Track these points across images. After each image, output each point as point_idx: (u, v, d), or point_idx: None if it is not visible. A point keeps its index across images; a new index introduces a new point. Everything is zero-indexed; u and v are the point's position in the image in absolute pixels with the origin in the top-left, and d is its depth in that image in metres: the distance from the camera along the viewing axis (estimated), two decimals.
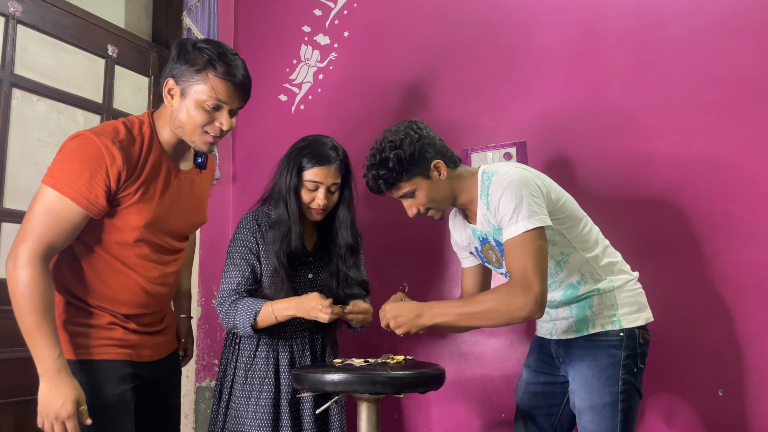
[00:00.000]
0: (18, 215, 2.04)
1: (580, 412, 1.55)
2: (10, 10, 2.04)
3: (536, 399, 1.70)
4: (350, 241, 1.81)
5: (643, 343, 1.56)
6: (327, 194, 1.75)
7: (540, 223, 1.46)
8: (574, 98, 2.13)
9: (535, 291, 1.41)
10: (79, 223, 1.36)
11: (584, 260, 1.58)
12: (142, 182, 1.42)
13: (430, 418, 2.28)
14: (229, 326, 1.72)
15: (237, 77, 1.43)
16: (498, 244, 1.61)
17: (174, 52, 1.44)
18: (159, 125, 1.49)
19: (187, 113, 1.43)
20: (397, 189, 1.63)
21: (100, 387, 1.40)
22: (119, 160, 1.36)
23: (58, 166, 1.36)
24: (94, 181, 1.35)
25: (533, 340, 1.79)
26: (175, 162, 1.53)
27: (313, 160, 1.73)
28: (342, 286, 1.82)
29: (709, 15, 1.96)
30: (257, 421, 1.71)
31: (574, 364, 1.58)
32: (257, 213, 1.82)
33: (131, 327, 1.51)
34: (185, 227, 1.60)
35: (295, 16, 2.74)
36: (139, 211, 1.43)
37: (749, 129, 1.87)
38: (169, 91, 1.44)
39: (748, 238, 1.84)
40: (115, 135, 1.39)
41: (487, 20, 2.31)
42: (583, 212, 1.65)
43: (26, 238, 1.32)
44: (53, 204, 1.33)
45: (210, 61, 1.40)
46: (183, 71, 1.42)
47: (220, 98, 1.42)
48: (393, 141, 1.59)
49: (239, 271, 1.74)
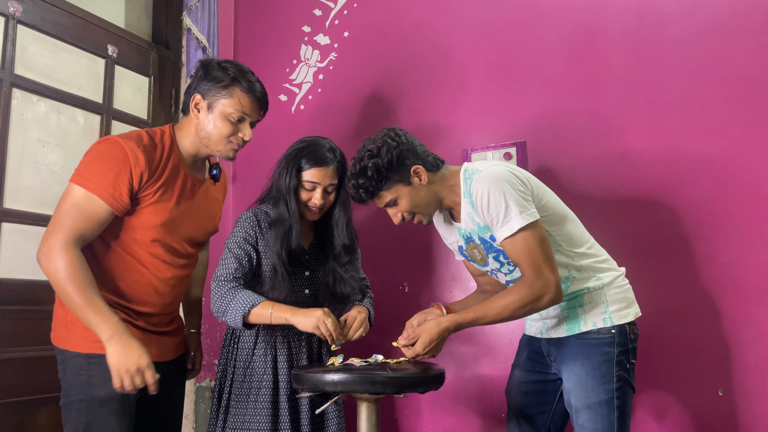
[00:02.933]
0: (18, 215, 2.04)
1: (576, 410, 1.55)
2: (10, 10, 2.04)
3: (529, 398, 1.70)
4: (346, 240, 1.83)
5: (633, 339, 1.57)
6: (324, 194, 1.77)
7: (533, 217, 1.49)
8: (574, 98, 2.13)
9: (552, 281, 1.47)
10: (105, 218, 1.47)
11: (570, 257, 1.58)
12: (162, 184, 1.54)
13: (429, 418, 2.28)
14: (219, 310, 1.69)
15: (259, 92, 1.62)
16: (483, 242, 1.61)
17: (200, 72, 1.61)
18: (179, 136, 1.63)
19: (214, 125, 1.59)
20: (379, 198, 1.63)
21: (104, 381, 1.43)
22: (142, 162, 1.49)
23: (85, 166, 1.47)
24: (119, 180, 1.46)
25: (522, 339, 1.79)
26: (193, 170, 1.66)
27: (312, 161, 1.75)
28: (338, 284, 1.84)
29: (709, 15, 1.96)
30: (256, 419, 1.72)
31: (567, 363, 1.58)
32: (256, 211, 1.84)
33: (140, 325, 1.57)
34: (197, 233, 1.70)
35: (295, 16, 2.74)
36: (157, 211, 1.54)
37: (749, 129, 1.87)
38: (196, 105, 1.60)
39: (748, 238, 1.84)
40: (139, 140, 1.52)
41: (487, 20, 2.31)
42: (567, 209, 1.65)
43: (56, 231, 1.42)
44: (81, 200, 1.44)
45: (235, 77, 1.59)
46: (209, 87, 1.59)
47: (245, 111, 1.60)
48: (371, 150, 1.59)
49: (236, 259, 1.75)
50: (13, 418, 1.96)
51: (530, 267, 1.48)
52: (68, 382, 1.50)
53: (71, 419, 1.48)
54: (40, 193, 2.11)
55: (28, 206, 2.08)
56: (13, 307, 1.98)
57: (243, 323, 1.66)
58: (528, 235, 1.48)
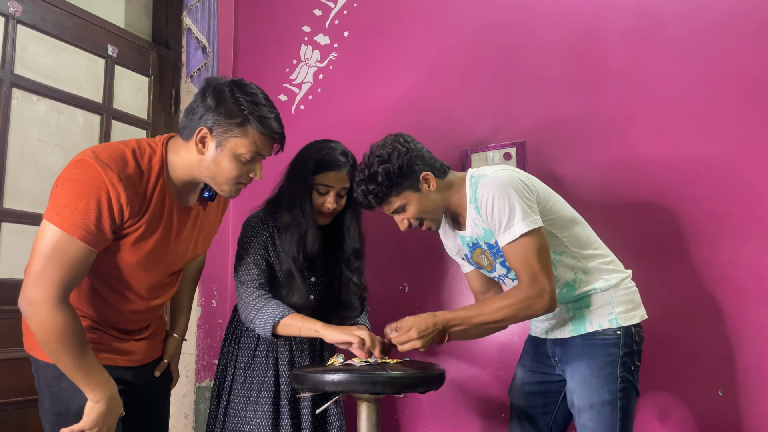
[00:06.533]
0: (18, 215, 2.04)
1: (579, 410, 1.55)
2: (10, 10, 2.04)
3: (532, 398, 1.70)
4: (356, 245, 1.82)
5: (639, 341, 1.57)
6: (336, 198, 1.76)
7: (535, 225, 1.49)
8: (574, 98, 2.13)
9: (547, 290, 1.47)
10: (90, 260, 1.31)
11: (577, 259, 1.59)
12: (144, 221, 1.37)
13: (429, 418, 2.28)
14: (248, 318, 1.67)
15: (278, 131, 1.42)
16: (490, 247, 1.61)
17: (209, 100, 1.38)
18: (172, 160, 1.42)
19: (223, 165, 1.39)
20: (388, 204, 1.62)
21: (77, 392, 1.36)
22: (123, 198, 1.31)
23: (62, 202, 1.28)
24: (101, 218, 1.29)
25: (527, 340, 1.79)
26: (179, 198, 1.46)
27: (325, 164, 1.74)
28: (343, 290, 1.83)
29: (709, 15, 1.96)
30: (257, 421, 1.72)
31: (571, 363, 1.58)
32: (263, 214, 1.81)
33: (112, 333, 1.49)
34: (180, 263, 1.56)
35: (295, 16, 2.74)
36: (134, 249, 1.39)
37: (749, 129, 1.87)
38: (201, 139, 1.38)
39: (748, 238, 1.84)
40: (122, 168, 1.32)
41: (488, 20, 2.31)
42: (574, 212, 1.65)
43: (41, 283, 1.26)
44: (61, 245, 1.27)
45: (251, 113, 1.37)
46: (220, 122, 1.37)
47: (260, 152, 1.41)
48: (381, 155, 1.59)
49: (256, 264, 1.73)
50: (13, 418, 1.96)
51: (527, 273, 1.48)
52: (42, 392, 1.44)
53: (47, 430, 1.43)
54: (40, 193, 2.11)
55: (28, 206, 2.08)
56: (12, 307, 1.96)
57: (272, 333, 1.65)
58: (528, 242, 1.48)
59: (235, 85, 1.40)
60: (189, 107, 1.42)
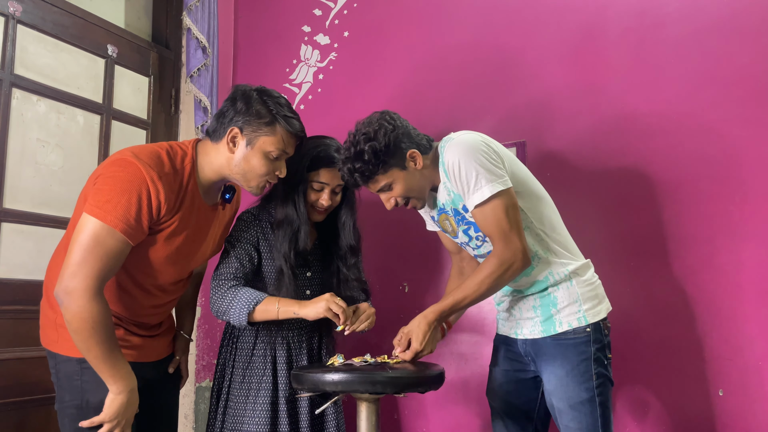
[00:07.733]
0: (18, 215, 2.04)
1: (559, 411, 1.55)
2: (10, 10, 2.04)
3: (512, 397, 1.69)
4: (352, 242, 1.82)
5: (607, 334, 1.57)
6: (331, 195, 1.76)
7: (503, 185, 1.48)
8: (574, 98, 2.13)
9: (519, 247, 1.48)
10: (126, 253, 1.40)
11: (539, 236, 1.58)
12: (177, 217, 1.48)
13: (429, 418, 2.28)
14: (220, 310, 1.67)
15: (301, 130, 1.59)
16: (456, 213, 1.60)
17: (239, 104, 1.52)
18: (201, 161, 1.54)
19: (253, 163, 1.53)
20: (374, 182, 1.60)
21: (98, 385, 1.42)
22: (162, 195, 1.42)
23: (105, 197, 1.37)
24: (141, 213, 1.39)
25: (496, 339, 1.76)
26: (205, 198, 1.58)
27: (320, 161, 1.74)
28: (342, 286, 1.83)
29: (709, 15, 1.96)
30: (255, 420, 1.71)
31: (546, 364, 1.57)
32: (257, 210, 1.82)
33: (132, 329, 1.55)
34: (200, 260, 1.67)
35: (295, 16, 2.74)
36: (166, 244, 1.49)
37: (749, 129, 1.87)
38: (232, 138, 1.52)
39: (748, 238, 1.84)
40: (160, 167, 1.43)
41: (487, 20, 2.31)
42: (544, 192, 1.65)
43: (80, 272, 1.34)
44: (102, 236, 1.35)
45: (278, 113, 1.52)
46: (250, 122, 1.51)
47: (286, 149, 1.56)
48: (367, 133, 1.57)
49: (237, 259, 1.73)
50: (13, 418, 1.96)
51: (498, 236, 1.49)
52: (61, 387, 1.48)
53: (66, 425, 1.47)
54: (39, 193, 2.11)
55: (28, 206, 2.08)
56: (12, 307, 1.98)
57: (247, 321, 1.65)
58: (497, 204, 1.48)
59: (262, 90, 1.56)
60: (219, 112, 1.56)
